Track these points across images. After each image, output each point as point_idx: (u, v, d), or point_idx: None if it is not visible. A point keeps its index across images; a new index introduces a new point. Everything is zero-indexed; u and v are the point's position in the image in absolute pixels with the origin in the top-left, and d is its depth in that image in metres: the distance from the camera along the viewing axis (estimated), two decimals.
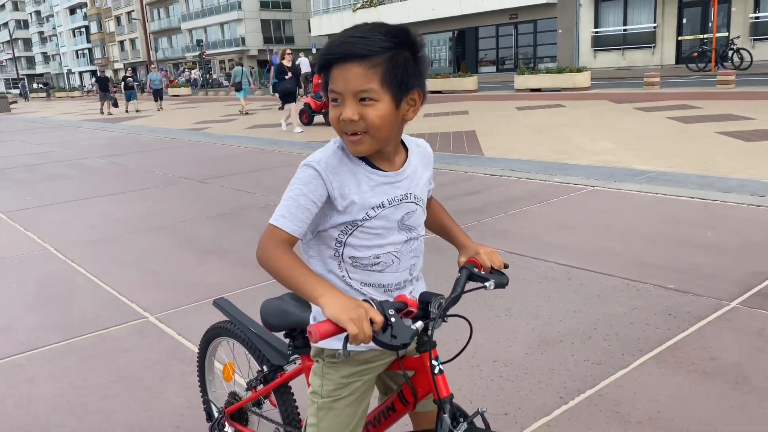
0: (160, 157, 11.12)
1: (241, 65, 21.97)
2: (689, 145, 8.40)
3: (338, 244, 1.40)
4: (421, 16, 36.71)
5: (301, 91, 20.69)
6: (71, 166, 10.68)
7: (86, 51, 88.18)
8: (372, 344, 1.18)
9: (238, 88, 20.59)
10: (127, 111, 25.54)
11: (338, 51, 1.27)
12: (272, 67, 21.23)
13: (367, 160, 1.39)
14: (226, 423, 2.10)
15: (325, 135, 12.57)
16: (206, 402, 2.27)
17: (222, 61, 58.90)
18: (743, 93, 13.92)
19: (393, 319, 1.19)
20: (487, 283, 1.46)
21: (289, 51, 14.48)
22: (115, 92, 27.84)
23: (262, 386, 1.90)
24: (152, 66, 27.99)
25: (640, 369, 2.72)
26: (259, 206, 6.45)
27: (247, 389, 1.97)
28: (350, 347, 1.24)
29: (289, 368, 1.84)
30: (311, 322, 1.51)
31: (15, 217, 6.67)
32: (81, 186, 8.55)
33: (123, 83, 25.82)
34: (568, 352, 2.91)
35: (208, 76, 38.49)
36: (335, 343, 1.41)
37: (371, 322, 1.16)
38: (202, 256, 4.86)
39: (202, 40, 49.08)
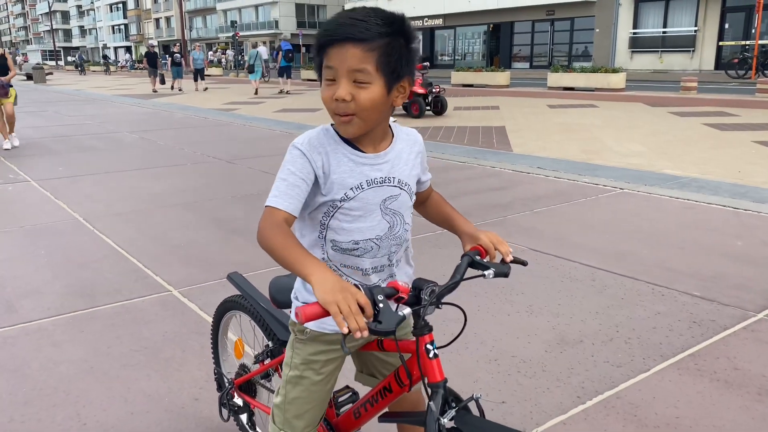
0: (190, 135, 11.23)
1: (256, 48, 23.76)
2: (724, 152, 8.24)
3: (322, 227, 1.43)
4: (457, 8, 36.43)
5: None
6: (102, 138, 10.84)
7: (122, 27, 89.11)
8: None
9: (251, 70, 22.12)
10: (172, 88, 24.88)
11: (338, 32, 1.29)
12: (281, 52, 22.25)
13: (350, 141, 1.41)
14: (235, 394, 2.15)
15: None
16: (217, 373, 2.32)
17: (255, 44, 59.18)
18: None
19: (381, 305, 1.19)
20: (486, 272, 1.41)
21: None
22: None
23: (269, 360, 1.95)
24: (196, 44, 26.66)
25: (661, 374, 2.69)
26: None
27: (255, 362, 2.02)
28: (325, 329, 1.32)
29: None
30: (292, 299, 1.56)
31: (47, 186, 6.80)
32: (111, 159, 8.67)
33: (170, 59, 24.82)
34: (588, 353, 2.89)
35: (240, 57, 38.51)
36: (311, 324, 1.46)
37: (359, 307, 1.16)
38: (228, 235, 4.90)
39: (236, 21, 49.31)
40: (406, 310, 1.26)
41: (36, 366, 2.85)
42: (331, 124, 1.45)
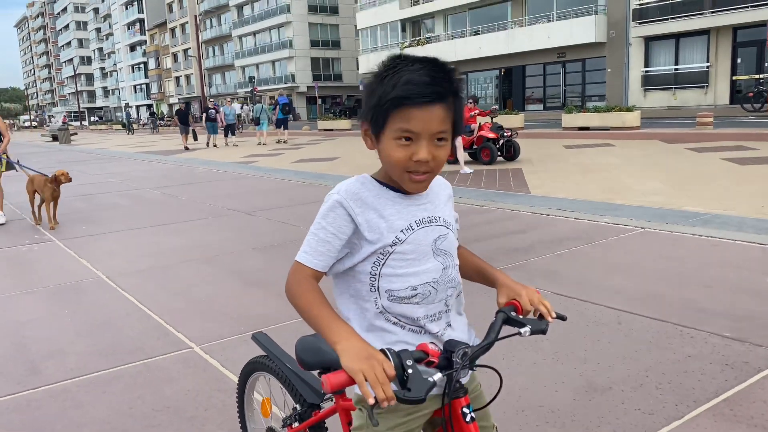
0: (211, 189, 11.40)
1: (261, 102, 25.84)
2: (745, 187, 8.14)
3: (373, 278, 1.36)
4: (468, 54, 37.05)
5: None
6: (125, 195, 11.05)
7: (143, 86, 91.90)
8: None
9: (257, 122, 24.27)
10: (207, 144, 24.03)
11: (428, 92, 1.24)
12: (278, 106, 23.42)
13: (390, 186, 1.38)
14: None
15: None
16: None
17: (272, 97, 60.59)
18: None
19: (410, 371, 1.14)
20: (522, 330, 1.34)
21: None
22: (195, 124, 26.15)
23: (297, 424, 1.90)
24: (228, 99, 25.77)
25: (696, 421, 2.60)
26: (303, 239, 6.50)
27: (283, 426, 1.97)
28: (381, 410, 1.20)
29: (325, 406, 1.84)
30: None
31: (70, 245, 6.90)
32: (133, 215, 8.81)
33: (205, 115, 24.38)
34: (618, 400, 2.80)
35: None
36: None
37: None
38: (248, 288, 4.91)
39: (254, 77, 50.61)
40: (437, 376, 1.20)
41: (60, 427, 2.83)
42: (368, 174, 1.42)
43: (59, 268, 5.88)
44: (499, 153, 12.67)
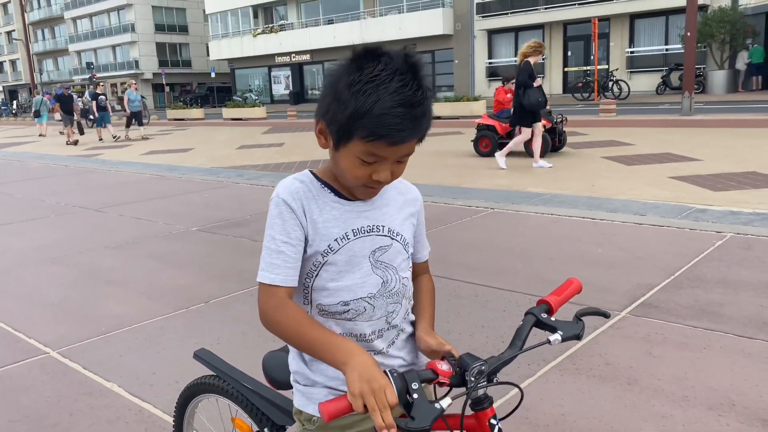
0: (51, 185, 10.52)
1: (40, 95, 24.83)
2: (578, 168, 9.03)
3: (306, 290, 1.27)
4: (323, 43, 37.14)
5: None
6: None
7: None
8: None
9: (37, 114, 23.93)
10: (101, 139, 20.14)
11: (404, 135, 1.12)
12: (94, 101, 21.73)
13: (332, 188, 1.26)
14: None
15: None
16: None
17: (114, 84, 56.57)
18: (623, 120, 15.14)
19: (415, 395, 1.03)
20: (551, 338, 1.21)
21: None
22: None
23: None
24: (132, 83, 21.43)
25: (545, 377, 2.92)
26: (162, 234, 6.26)
27: None
28: None
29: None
30: (293, 382, 1.36)
31: None
32: None
33: (95, 103, 20.52)
34: None
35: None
36: (310, 407, 1.29)
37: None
38: (105, 288, 4.66)
39: (92, 63, 46.95)
40: (445, 402, 1.06)
41: None
42: (310, 170, 1.29)
43: None
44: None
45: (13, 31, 66.12)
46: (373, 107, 1.09)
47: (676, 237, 5.16)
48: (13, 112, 47.88)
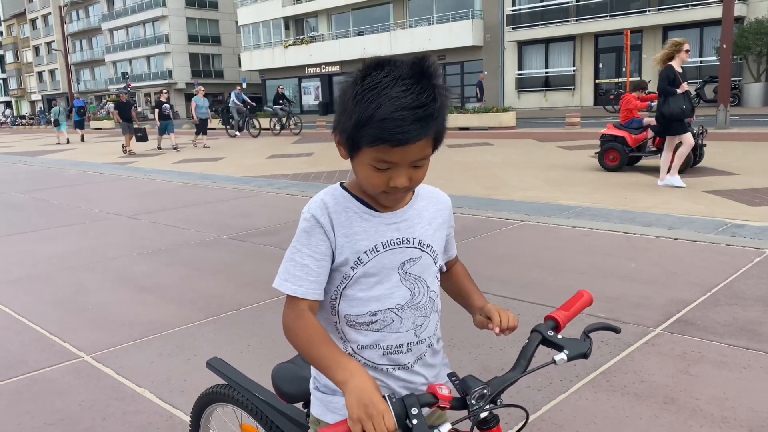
0: (86, 192, 10.74)
1: (59, 105, 27.10)
2: (610, 182, 8.91)
3: (334, 300, 1.27)
4: (352, 54, 37.40)
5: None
6: None
7: (0, 81, 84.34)
8: None
9: (56, 123, 25.56)
10: (160, 147, 19.22)
11: (409, 137, 1.11)
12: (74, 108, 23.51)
13: (361, 200, 1.26)
14: None
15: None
16: None
17: (147, 94, 57.75)
18: None
19: (415, 421, 1.03)
20: (557, 357, 1.23)
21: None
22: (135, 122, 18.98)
23: None
24: (200, 88, 20.30)
25: (578, 393, 2.86)
26: (193, 242, 6.33)
27: None
28: None
29: None
30: (312, 388, 1.37)
31: None
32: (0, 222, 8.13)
33: (158, 111, 19.18)
34: None
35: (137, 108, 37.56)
36: (328, 416, 1.30)
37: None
38: (137, 294, 4.72)
39: (127, 73, 48.03)
40: (445, 428, 1.08)
41: None
42: (341, 183, 1.30)
43: None
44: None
45: (53, 41, 68.05)
46: (374, 113, 1.10)
47: (711, 252, 5.04)
48: (51, 120, 49.01)
